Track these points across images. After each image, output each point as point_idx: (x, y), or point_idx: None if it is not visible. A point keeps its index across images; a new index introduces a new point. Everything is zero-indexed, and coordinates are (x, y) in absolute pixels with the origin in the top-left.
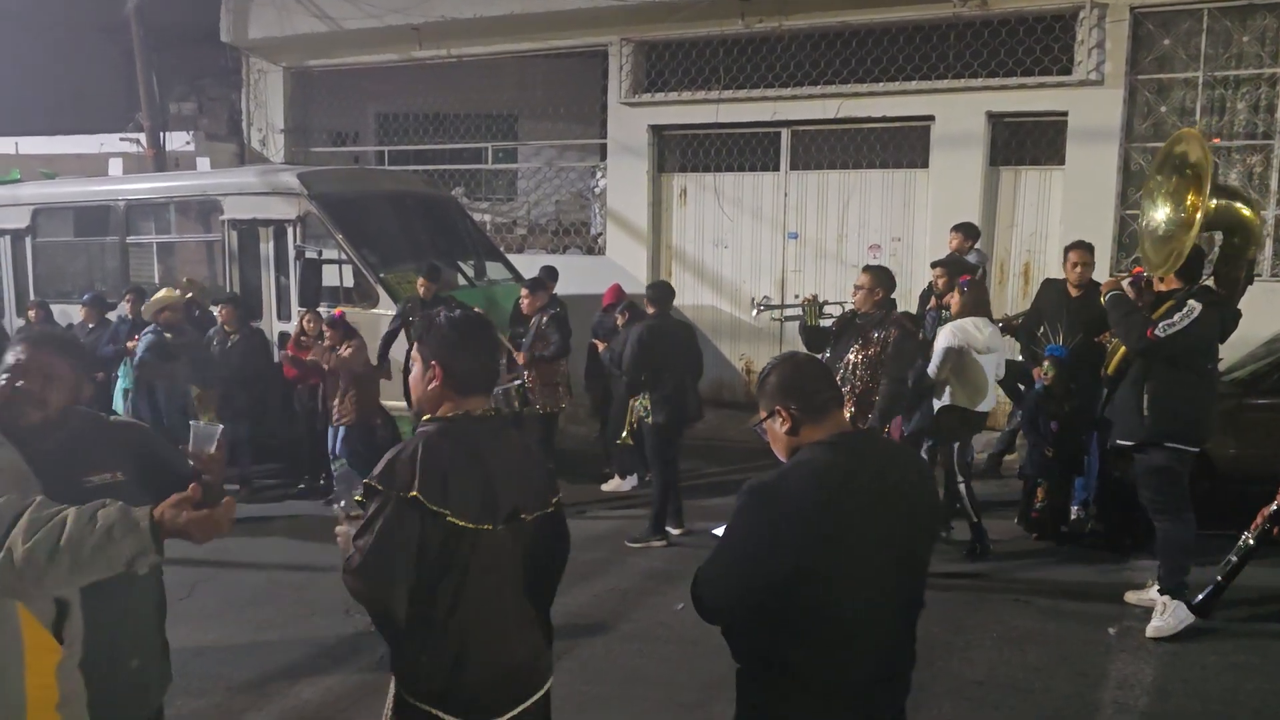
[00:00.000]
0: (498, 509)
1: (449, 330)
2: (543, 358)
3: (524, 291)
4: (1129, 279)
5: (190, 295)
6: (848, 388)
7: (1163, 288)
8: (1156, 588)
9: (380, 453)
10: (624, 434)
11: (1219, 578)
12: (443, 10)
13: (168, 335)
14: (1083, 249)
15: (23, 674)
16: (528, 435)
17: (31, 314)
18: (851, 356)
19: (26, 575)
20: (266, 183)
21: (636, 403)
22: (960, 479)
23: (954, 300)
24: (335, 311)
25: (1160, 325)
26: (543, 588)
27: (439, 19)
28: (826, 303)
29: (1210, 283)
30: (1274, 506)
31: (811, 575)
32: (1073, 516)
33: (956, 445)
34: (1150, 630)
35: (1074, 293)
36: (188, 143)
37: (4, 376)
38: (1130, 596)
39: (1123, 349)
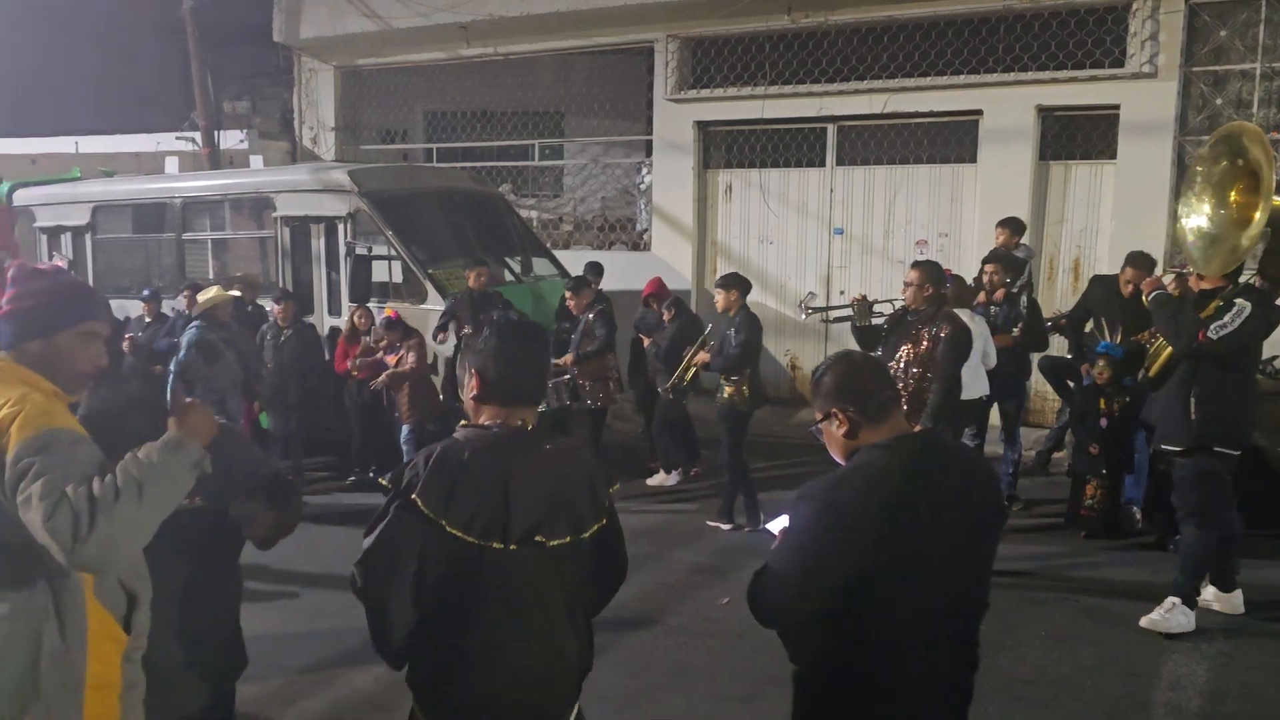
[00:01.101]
0: (510, 528)
1: (491, 338)
2: (587, 354)
3: (568, 293)
4: (1170, 276)
5: (239, 293)
6: (900, 386)
7: (1205, 285)
8: (1211, 586)
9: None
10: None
11: None
12: (490, 8)
13: (214, 335)
14: (1145, 266)
15: (85, 657)
16: (583, 455)
17: None
18: (903, 354)
19: (91, 524)
20: (318, 180)
21: (725, 384)
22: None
23: None
24: (388, 312)
25: (1212, 326)
26: (578, 615)
27: (486, 17)
28: (877, 301)
29: (1253, 279)
30: None
31: (872, 579)
32: (1122, 515)
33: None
34: (1144, 621)
35: (1126, 291)
36: (241, 141)
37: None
38: None
39: (1167, 351)
